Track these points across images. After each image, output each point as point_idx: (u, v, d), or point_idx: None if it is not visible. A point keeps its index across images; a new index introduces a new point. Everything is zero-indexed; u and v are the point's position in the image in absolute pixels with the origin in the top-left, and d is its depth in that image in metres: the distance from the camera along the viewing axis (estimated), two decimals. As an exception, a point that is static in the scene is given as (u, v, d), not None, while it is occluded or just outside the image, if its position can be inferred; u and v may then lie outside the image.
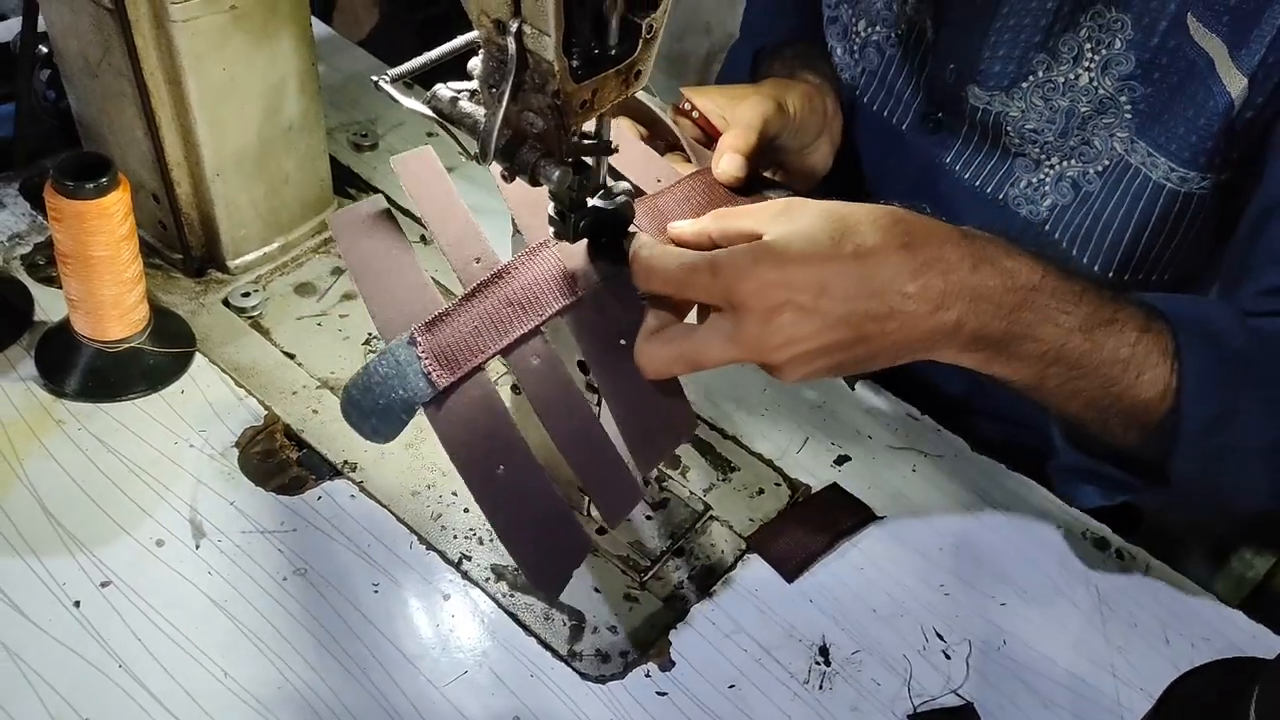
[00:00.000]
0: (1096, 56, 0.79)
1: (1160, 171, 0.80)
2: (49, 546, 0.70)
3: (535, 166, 0.58)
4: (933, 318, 0.60)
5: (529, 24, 0.52)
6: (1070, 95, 0.81)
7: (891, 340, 0.60)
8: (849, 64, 0.96)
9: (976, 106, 0.86)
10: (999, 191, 0.88)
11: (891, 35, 0.92)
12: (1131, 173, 0.81)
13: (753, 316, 0.58)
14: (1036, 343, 0.63)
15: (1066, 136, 0.83)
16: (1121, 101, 0.79)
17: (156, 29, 0.78)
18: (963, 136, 0.89)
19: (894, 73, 0.93)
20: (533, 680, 0.67)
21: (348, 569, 0.72)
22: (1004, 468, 0.85)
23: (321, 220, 0.96)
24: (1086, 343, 0.64)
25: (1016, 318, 0.62)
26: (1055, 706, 0.70)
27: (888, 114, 0.94)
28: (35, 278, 0.88)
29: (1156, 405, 0.67)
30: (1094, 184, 0.83)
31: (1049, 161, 0.85)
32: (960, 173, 0.90)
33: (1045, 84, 0.82)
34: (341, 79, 1.14)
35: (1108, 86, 0.79)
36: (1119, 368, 0.65)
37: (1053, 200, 0.85)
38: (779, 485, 0.81)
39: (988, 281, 0.61)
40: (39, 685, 0.64)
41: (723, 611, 0.73)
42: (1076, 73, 0.80)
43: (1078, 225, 0.85)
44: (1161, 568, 0.79)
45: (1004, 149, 0.87)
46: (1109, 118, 0.80)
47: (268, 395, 0.82)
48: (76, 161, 0.73)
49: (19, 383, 0.80)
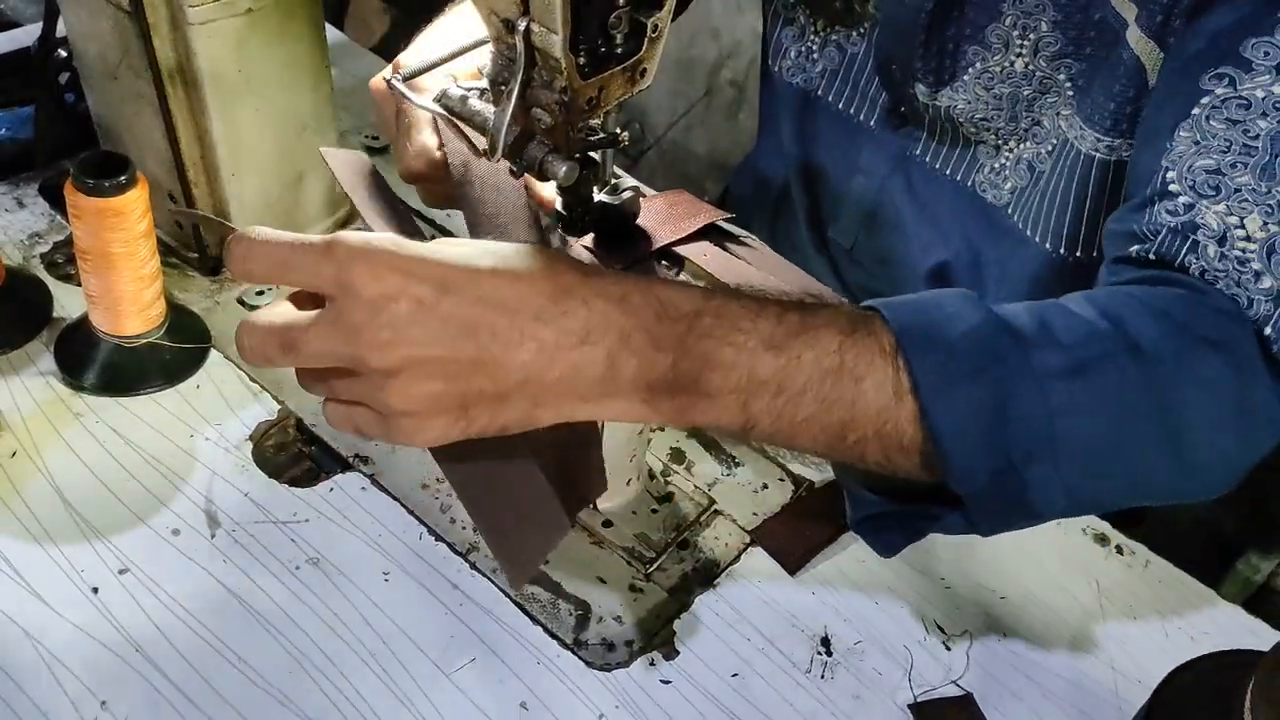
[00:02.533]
0: (1026, 41, 0.81)
1: (1088, 143, 0.80)
2: (68, 535, 0.72)
3: (543, 162, 0.59)
4: (575, 352, 0.52)
5: (537, 22, 0.54)
6: (1010, 82, 0.82)
7: (523, 375, 0.52)
8: (805, 65, 0.97)
9: (925, 103, 0.88)
10: (967, 178, 0.90)
11: (852, 34, 0.93)
12: (1068, 148, 0.82)
13: (360, 302, 0.50)
14: (718, 372, 0.54)
15: (1017, 120, 0.84)
16: (1060, 80, 0.80)
17: (174, 31, 0.80)
18: (926, 128, 0.91)
19: (857, 69, 0.94)
20: (539, 668, 0.69)
21: (359, 558, 0.73)
22: (1005, 464, 0.86)
23: (334, 220, 0.98)
24: (780, 359, 0.55)
25: (684, 349, 0.54)
26: (1054, 697, 0.71)
27: (854, 110, 0.95)
28: (54, 275, 0.90)
29: (894, 410, 0.56)
30: (1044, 164, 0.84)
31: (1006, 146, 0.86)
32: (930, 162, 0.91)
33: (984, 74, 0.83)
34: (353, 83, 1.16)
35: (1043, 67, 0.80)
36: (830, 380, 0.55)
37: (1013, 184, 0.87)
38: (783, 480, 0.82)
39: (639, 313, 0.54)
40: (57, 668, 0.65)
41: (726, 602, 0.74)
42: (1010, 59, 0.82)
43: (1032, 206, 0.86)
44: (1160, 563, 0.80)
45: (964, 138, 0.89)
46: (1052, 96, 0.81)
47: (281, 390, 0.83)
48: (97, 160, 0.75)
49: (39, 377, 0.82)
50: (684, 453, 0.83)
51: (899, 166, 0.93)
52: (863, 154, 0.96)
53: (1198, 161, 0.64)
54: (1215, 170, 0.64)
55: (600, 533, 0.76)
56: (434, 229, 1.00)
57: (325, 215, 0.97)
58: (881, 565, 0.77)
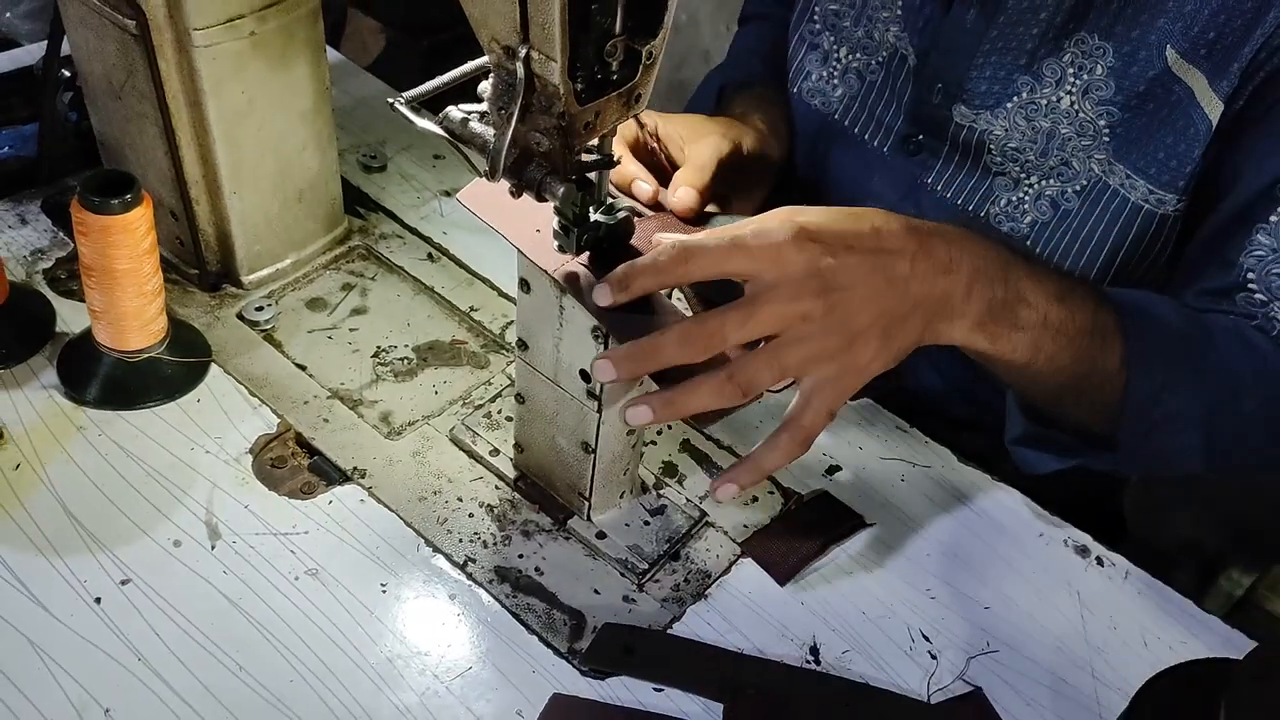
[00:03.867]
0: (1079, 81, 0.83)
1: (1139, 193, 0.83)
2: (71, 546, 0.73)
3: (541, 183, 0.61)
4: (945, 278, 0.66)
5: (536, 50, 0.56)
6: (1052, 117, 0.85)
7: (913, 299, 0.65)
8: (826, 89, 1.00)
9: (961, 125, 0.90)
10: (980, 209, 0.92)
11: (872, 62, 0.96)
12: (1110, 193, 0.85)
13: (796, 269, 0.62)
14: (1030, 308, 0.69)
15: (1046, 156, 0.87)
16: (1100, 125, 0.83)
17: (179, 53, 0.81)
18: (943, 157, 0.93)
19: (874, 97, 0.97)
20: (534, 676, 0.70)
21: (357, 569, 0.75)
22: (989, 478, 0.88)
23: (333, 238, 1.00)
24: (1063, 310, 0.70)
25: (1010, 284, 0.68)
26: (1036, 705, 0.73)
27: (868, 136, 0.98)
28: (57, 291, 0.91)
29: (1117, 377, 0.73)
30: (1072, 202, 0.87)
31: (1028, 180, 0.89)
32: (942, 192, 0.93)
33: (1028, 105, 0.86)
34: (352, 103, 1.18)
35: (1088, 110, 0.83)
36: (1087, 338, 0.71)
37: (1033, 218, 0.89)
38: (772, 493, 0.84)
39: (982, 248, 0.67)
40: (61, 677, 0.66)
41: (717, 613, 0.75)
42: (1059, 95, 0.84)
43: (1058, 241, 0.89)
44: (1140, 574, 0.82)
45: (984, 168, 0.91)
46: (1087, 140, 0.84)
47: (280, 404, 0.85)
48: (102, 178, 0.77)
49: (42, 391, 0.83)
50: (676, 466, 0.85)
51: (909, 194, 0.96)
52: (874, 179, 0.98)
53: (1273, 269, 0.79)
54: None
55: (594, 544, 0.78)
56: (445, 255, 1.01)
57: (324, 232, 0.99)
58: (869, 577, 0.79)
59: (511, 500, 0.81)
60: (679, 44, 2.16)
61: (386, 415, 0.86)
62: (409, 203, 1.07)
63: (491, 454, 0.83)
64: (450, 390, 0.89)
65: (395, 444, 0.84)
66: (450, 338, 0.94)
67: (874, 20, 0.95)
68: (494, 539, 0.78)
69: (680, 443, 0.87)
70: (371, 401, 0.87)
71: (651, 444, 0.86)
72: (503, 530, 0.79)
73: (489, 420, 0.86)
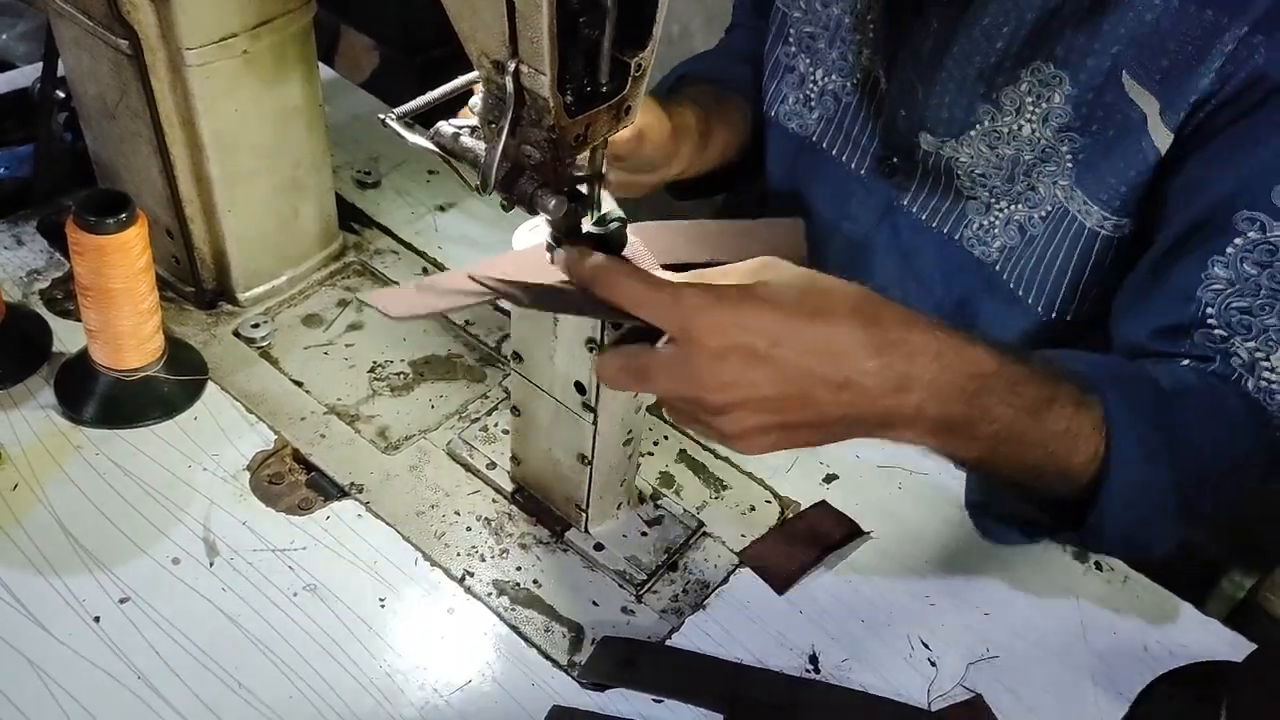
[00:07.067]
0: (1038, 109, 0.84)
1: (1094, 219, 0.84)
2: (69, 565, 0.73)
3: (533, 196, 0.62)
4: (891, 399, 0.60)
5: (525, 64, 0.56)
6: (1015, 144, 0.86)
7: (843, 413, 0.60)
8: (803, 113, 1.01)
9: (929, 152, 0.91)
10: (954, 233, 0.92)
11: (847, 84, 0.97)
12: (1069, 219, 0.85)
13: (703, 352, 0.58)
14: (991, 424, 0.64)
15: (1013, 182, 0.87)
16: (1063, 151, 0.84)
17: (173, 73, 0.82)
18: (918, 179, 0.94)
19: (850, 119, 0.98)
20: (534, 689, 0.70)
21: (355, 585, 0.75)
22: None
23: (328, 254, 1.00)
24: (1032, 420, 0.66)
25: (974, 402, 0.63)
26: (1037, 710, 0.73)
27: (845, 158, 0.98)
28: (53, 311, 0.92)
29: (1084, 469, 0.69)
30: (1038, 227, 0.87)
31: (998, 205, 0.89)
32: (918, 214, 0.94)
33: (990, 133, 0.86)
34: (345, 119, 1.18)
35: (1049, 137, 0.84)
36: (1056, 440, 0.67)
37: (1002, 242, 0.90)
38: (769, 503, 0.84)
39: (951, 369, 0.62)
40: (61, 696, 0.66)
41: (716, 622, 0.75)
42: (1019, 123, 0.85)
43: (1024, 267, 0.89)
44: (1139, 578, 0.82)
45: (956, 192, 0.91)
46: (1051, 165, 0.85)
47: (277, 421, 0.85)
48: (97, 198, 0.77)
49: (39, 410, 0.83)
50: (673, 477, 0.85)
51: (886, 215, 0.96)
52: (851, 201, 0.98)
53: (1233, 303, 0.76)
54: (1247, 310, 0.76)
55: (592, 556, 0.78)
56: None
57: (319, 249, 0.99)
58: (867, 585, 0.79)
59: (509, 513, 0.81)
60: (669, 55, 2.16)
61: (383, 430, 0.86)
62: (404, 218, 1.07)
63: (488, 467, 0.83)
64: (446, 404, 0.89)
65: (392, 459, 0.84)
66: (446, 352, 0.94)
67: (848, 42, 0.96)
68: (492, 552, 0.78)
69: (677, 453, 0.87)
70: (368, 417, 0.87)
71: (648, 455, 0.86)
72: (500, 543, 0.79)
73: (486, 434, 0.86)
